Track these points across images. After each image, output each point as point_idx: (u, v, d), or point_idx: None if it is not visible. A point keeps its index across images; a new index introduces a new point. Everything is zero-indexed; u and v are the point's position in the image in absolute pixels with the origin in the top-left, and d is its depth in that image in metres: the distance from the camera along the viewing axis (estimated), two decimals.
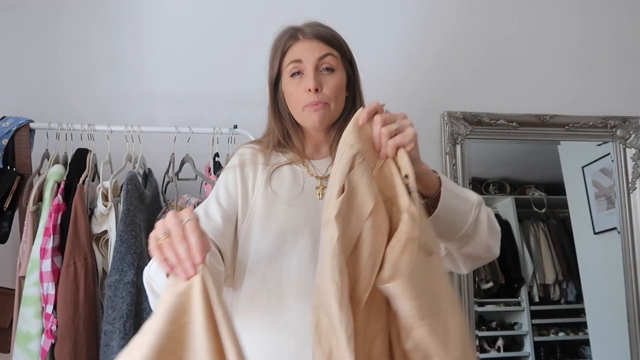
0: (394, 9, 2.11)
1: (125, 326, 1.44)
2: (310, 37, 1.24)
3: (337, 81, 1.23)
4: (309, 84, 1.19)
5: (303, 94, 1.21)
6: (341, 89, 1.24)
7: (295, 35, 1.26)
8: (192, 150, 1.74)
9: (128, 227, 1.50)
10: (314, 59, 1.21)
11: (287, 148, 1.30)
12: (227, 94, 2.00)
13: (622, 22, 2.21)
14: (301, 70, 1.22)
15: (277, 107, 1.31)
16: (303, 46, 1.23)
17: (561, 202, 2.21)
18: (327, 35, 1.25)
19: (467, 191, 1.12)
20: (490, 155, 2.15)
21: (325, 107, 1.21)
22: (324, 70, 1.22)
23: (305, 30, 1.26)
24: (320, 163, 1.29)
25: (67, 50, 1.98)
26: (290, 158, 1.28)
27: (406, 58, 2.08)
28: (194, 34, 2.03)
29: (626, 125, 2.13)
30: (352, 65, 1.30)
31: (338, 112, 1.25)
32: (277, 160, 1.29)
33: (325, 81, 1.21)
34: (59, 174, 1.61)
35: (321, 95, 1.20)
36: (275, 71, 1.28)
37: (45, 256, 1.50)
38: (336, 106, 1.23)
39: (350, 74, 1.29)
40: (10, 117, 1.70)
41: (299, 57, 1.22)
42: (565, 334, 2.16)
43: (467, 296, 1.95)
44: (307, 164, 1.28)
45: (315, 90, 1.19)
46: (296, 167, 1.27)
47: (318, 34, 1.25)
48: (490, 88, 2.13)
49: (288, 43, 1.25)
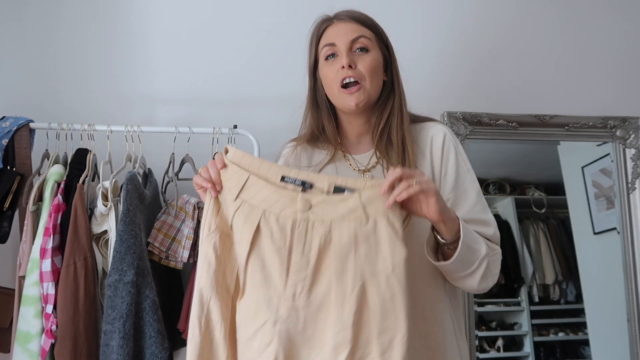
0: (394, 9, 2.11)
1: (125, 326, 1.43)
2: (344, 19, 1.26)
3: (372, 60, 1.23)
4: (343, 61, 1.21)
5: (337, 73, 1.22)
6: (376, 68, 1.24)
7: (329, 19, 1.28)
8: (192, 151, 1.74)
9: (128, 227, 1.50)
10: (347, 41, 1.23)
11: (322, 141, 1.31)
12: (227, 94, 2.00)
13: (622, 22, 2.21)
14: (335, 52, 1.24)
15: (316, 96, 1.31)
16: (336, 28, 1.25)
17: (561, 202, 2.21)
18: (361, 16, 1.27)
19: (480, 241, 1.14)
20: (490, 156, 2.15)
21: (360, 88, 1.21)
22: (357, 51, 1.23)
23: (339, 14, 1.28)
24: (363, 157, 1.29)
25: (67, 50, 1.98)
26: (331, 154, 1.28)
27: (406, 58, 2.08)
28: (194, 34, 2.03)
29: (626, 126, 2.13)
30: (388, 48, 1.30)
31: (375, 92, 1.25)
32: (319, 158, 1.30)
33: (359, 60, 1.22)
34: (59, 174, 1.61)
35: (355, 72, 1.21)
36: (313, 58, 1.30)
37: (45, 256, 1.50)
38: (372, 86, 1.23)
39: (387, 57, 1.29)
40: (10, 117, 1.70)
41: (332, 41, 1.24)
42: (565, 334, 2.16)
43: (467, 296, 1.95)
44: (349, 157, 1.29)
45: (349, 67, 1.20)
46: (337, 164, 1.28)
47: (351, 15, 1.26)
48: (490, 88, 2.13)
49: (322, 27, 1.28)
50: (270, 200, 1.04)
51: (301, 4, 2.05)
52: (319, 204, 1.02)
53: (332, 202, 1.02)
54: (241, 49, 2.03)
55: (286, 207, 1.03)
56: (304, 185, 1.04)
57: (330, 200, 1.03)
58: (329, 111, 1.31)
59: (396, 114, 1.25)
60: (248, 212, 1.04)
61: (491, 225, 1.21)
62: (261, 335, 1.01)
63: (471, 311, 1.96)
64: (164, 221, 1.66)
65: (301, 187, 1.04)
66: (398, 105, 1.26)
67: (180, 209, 1.68)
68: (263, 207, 1.04)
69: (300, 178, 1.05)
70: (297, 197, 1.03)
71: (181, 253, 1.63)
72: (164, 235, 1.63)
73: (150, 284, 1.50)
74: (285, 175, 1.05)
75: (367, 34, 1.25)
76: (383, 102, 1.27)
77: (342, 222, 1.01)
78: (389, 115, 1.25)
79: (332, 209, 1.02)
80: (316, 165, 1.29)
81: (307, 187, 1.04)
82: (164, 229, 1.64)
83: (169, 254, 1.63)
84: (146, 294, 1.49)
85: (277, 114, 1.75)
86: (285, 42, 2.01)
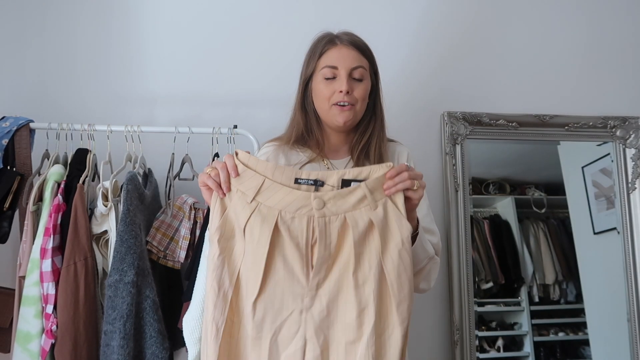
0: (394, 9, 2.11)
1: (125, 326, 1.44)
2: (347, 44, 1.36)
3: (365, 89, 1.37)
4: (342, 86, 1.33)
5: (334, 94, 1.33)
6: (366, 96, 1.38)
7: (332, 41, 1.37)
8: (192, 151, 1.74)
9: (128, 227, 1.50)
10: (348, 67, 1.34)
11: (307, 143, 1.41)
12: (227, 94, 2.00)
13: (622, 22, 2.21)
14: (335, 75, 1.34)
15: (304, 102, 1.41)
16: (340, 52, 1.35)
17: (561, 202, 2.21)
18: (361, 44, 1.38)
19: (429, 244, 1.31)
20: (490, 155, 2.15)
21: (351, 109, 1.34)
22: (354, 79, 1.35)
23: (342, 37, 1.38)
24: (340, 162, 1.40)
25: (67, 50, 1.98)
26: (310, 156, 1.39)
27: (406, 58, 2.08)
28: (194, 34, 2.03)
29: (626, 126, 2.13)
30: (376, 76, 1.42)
31: (360, 115, 1.38)
32: (297, 158, 1.39)
33: (355, 87, 1.34)
34: (59, 174, 1.61)
35: (351, 97, 1.33)
36: (310, 70, 1.39)
37: (45, 256, 1.50)
38: (360, 110, 1.37)
39: (374, 84, 1.40)
40: (10, 117, 1.70)
41: (334, 64, 1.34)
42: (565, 334, 2.16)
43: (467, 296, 1.95)
44: (327, 161, 1.39)
45: (347, 92, 1.32)
46: (315, 165, 1.38)
47: (354, 42, 1.37)
48: (490, 88, 2.13)
49: (326, 47, 1.37)
50: (286, 201, 1.13)
51: (301, 5, 2.05)
52: (331, 200, 1.12)
53: (342, 195, 1.13)
54: (241, 49, 2.03)
55: (302, 207, 1.12)
56: (316, 184, 1.14)
57: (341, 195, 1.13)
58: (317, 119, 1.41)
59: (376, 134, 1.40)
60: (265, 213, 1.13)
61: (437, 234, 1.38)
62: (288, 324, 1.11)
63: (471, 311, 1.96)
64: (163, 220, 1.66)
65: (314, 186, 1.14)
66: (379, 126, 1.41)
67: (179, 209, 1.68)
68: (279, 207, 1.12)
69: (312, 178, 1.14)
70: (310, 196, 1.12)
71: (178, 253, 1.64)
72: (162, 234, 1.63)
73: (151, 284, 1.50)
74: (298, 177, 1.14)
75: (364, 64, 1.37)
76: (365, 123, 1.40)
77: (355, 212, 1.13)
78: (370, 136, 1.39)
79: (343, 202, 1.13)
80: (295, 165, 1.38)
81: (320, 185, 1.14)
82: (162, 228, 1.65)
83: (167, 254, 1.63)
84: (146, 294, 1.49)
85: (277, 114, 1.74)
86: (285, 43, 2.01)
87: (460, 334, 1.94)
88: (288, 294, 1.11)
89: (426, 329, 1.97)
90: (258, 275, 1.11)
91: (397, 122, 1.57)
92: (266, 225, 1.11)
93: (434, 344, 1.98)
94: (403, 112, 1.98)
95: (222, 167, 1.15)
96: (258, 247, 1.11)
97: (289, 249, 1.11)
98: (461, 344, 1.93)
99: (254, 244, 1.12)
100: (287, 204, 1.12)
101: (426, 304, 1.97)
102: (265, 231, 1.11)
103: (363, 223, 1.12)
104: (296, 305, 1.11)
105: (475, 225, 2.09)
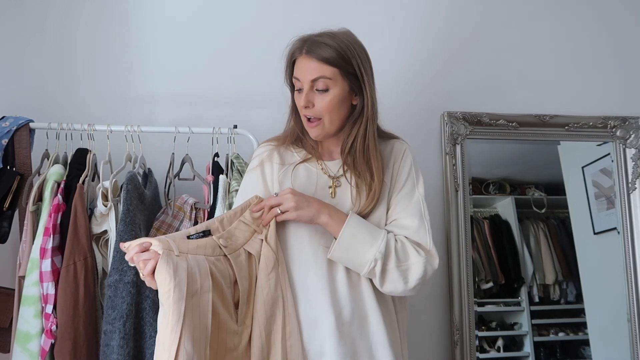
0: (394, 9, 2.11)
1: (125, 326, 1.44)
2: (307, 56, 1.30)
3: (332, 99, 1.30)
4: (301, 102, 1.31)
5: (301, 107, 1.32)
6: (336, 105, 1.31)
7: (299, 49, 1.32)
8: (192, 150, 1.74)
9: (128, 227, 1.50)
10: (308, 80, 1.30)
11: (303, 144, 1.41)
12: (227, 94, 2.00)
13: (622, 22, 2.21)
14: (300, 87, 1.32)
15: (295, 107, 1.39)
16: (301, 64, 1.32)
17: (561, 202, 2.21)
18: (324, 53, 1.28)
19: (374, 245, 1.26)
20: (490, 156, 2.15)
21: (318, 124, 1.32)
22: (316, 91, 1.30)
23: (306, 46, 1.30)
24: (333, 164, 1.39)
25: (67, 50, 1.98)
26: (304, 156, 1.39)
27: (406, 59, 2.08)
28: (194, 34, 2.03)
29: (626, 126, 2.13)
30: (358, 75, 1.32)
31: (335, 126, 1.34)
32: (292, 158, 1.40)
33: (317, 99, 1.30)
34: (58, 174, 1.61)
35: (313, 111, 1.31)
36: (289, 79, 1.38)
37: (45, 256, 1.50)
38: (331, 121, 1.32)
39: (354, 85, 1.32)
40: (10, 117, 1.70)
41: (297, 76, 1.32)
42: (565, 334, 2.16)
43: (467, 296, 1.95)
44: (322, 163, 1.39)
45: (305, 107, 1.31)
46: (309, 166, 1.38)
47: (315, 53, 1.29)
48: (490, 88, 2.13)
49: (294, 57, 1.34)
50: (206, 252, 1.21)
51: (301, 5, 2.05)
52: (225, 240, 1.23)
53: (230, 233, 1.25)
54: (241, 49, 2.03)
55: (212, 254, 1.21)
56: (205, 234, 1.22)
57: (228, 233, 1.25)
58: None
59: (361, 135, 1.33)
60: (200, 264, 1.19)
61: (427, 247, 1.31)
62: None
63: (471, 311, 1.96)
64: (163, 221, 1.66)
65: (203, 236, 1.22)
66: (365, 127, 1.33)
67: (180, 209, 1.68)
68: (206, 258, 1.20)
69: (199, 230, 1.22)
70: (215, 243, 1.22)
71: None
72: (163, 234, 1.63)
73: None
74: (189, 234, 1.21)
75: (328, 74, 1.28)
76: (351, 124, 1.35)
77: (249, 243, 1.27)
78: (355, 138, 1.34)
79: (235, 239, 1.25)
80: (290, 164, 1.38)
81: (207, 234, 1.22)
82: (162, 228, 1.64)
83: None
84: (146, 294, 1.49)
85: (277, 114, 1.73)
86: (285, 43, 2.00)
87: (460, 334, 1.94)
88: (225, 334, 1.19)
89: (426, 329, 1.97)
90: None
91: (397, 122, 1.56)
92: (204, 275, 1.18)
93: (434, 344, 1.98)
94: (403, 112, 1.98)
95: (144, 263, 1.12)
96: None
97: (217, 296, 1.18)
98: (461, 344, 1.93)
99: None
100: (207, 254, 1.20)
101: (426, 304, 1.97)
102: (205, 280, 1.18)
103: (258, 246, 1.27)
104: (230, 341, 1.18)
105: (475, 225, 2.09)
